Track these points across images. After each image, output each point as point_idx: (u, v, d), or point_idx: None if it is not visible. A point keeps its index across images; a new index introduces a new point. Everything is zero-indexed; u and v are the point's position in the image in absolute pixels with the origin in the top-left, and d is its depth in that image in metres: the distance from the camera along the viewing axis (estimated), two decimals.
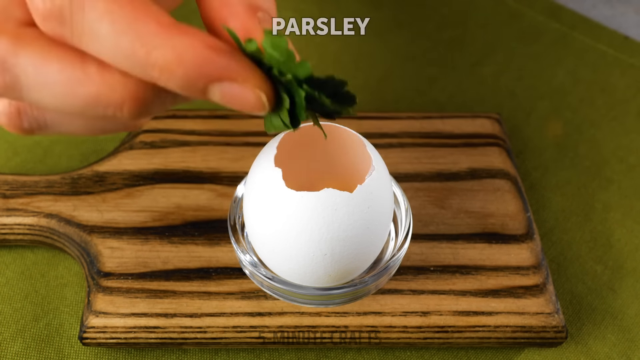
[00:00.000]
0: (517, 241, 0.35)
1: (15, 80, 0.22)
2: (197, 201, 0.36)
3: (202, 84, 0.22)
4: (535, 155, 0.42)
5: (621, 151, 0.42)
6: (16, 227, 0.35)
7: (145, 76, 0.21)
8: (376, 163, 0.29)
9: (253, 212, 0.29)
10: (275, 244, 0.29)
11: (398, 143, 0.38)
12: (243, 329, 0.31)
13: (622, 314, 0.35)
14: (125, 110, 0.22)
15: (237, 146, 0.38)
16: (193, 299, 0.32)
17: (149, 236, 0.34)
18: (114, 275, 0.32)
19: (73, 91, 0.22)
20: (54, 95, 0.22)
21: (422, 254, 0.34)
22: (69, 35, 0.21)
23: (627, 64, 0.47)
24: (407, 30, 0.49)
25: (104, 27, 0.21)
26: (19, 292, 0.35)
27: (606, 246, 0.38)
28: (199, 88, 0.22)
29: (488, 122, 0.40)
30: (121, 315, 0.31)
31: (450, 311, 0.32)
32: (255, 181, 0.29)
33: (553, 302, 0.33)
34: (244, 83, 0.22)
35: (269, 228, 0.28)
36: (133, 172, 0.37)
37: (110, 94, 0.22)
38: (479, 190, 0.37)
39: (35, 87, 0.22)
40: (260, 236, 0.29)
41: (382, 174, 0.29)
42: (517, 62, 0.47)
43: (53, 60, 0.22)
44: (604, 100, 0.45)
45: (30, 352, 0.33)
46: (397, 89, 0.45)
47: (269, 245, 0.29)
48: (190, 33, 0.21)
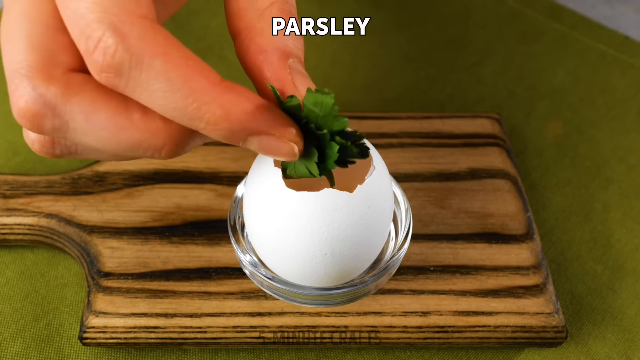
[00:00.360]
0: (517, 241, 0.35)
1: (64, 124, 0.23)
2: (197, 201, 0.36)
3: (243, 136, 0.24)
4: (535, 155, 0.42)
5: (621, 151, 0.42)
6: (16, 227, 0.35)
7: (191, 126, 0.23)
8: (376, 163, 0.29)
9: (253, 212, 0.29)
10: (275, 244, 0.29)
11: (398, 143, 0.38)
12: (243, 329, 0.31)
13: (622, 314, 0.35)
14: (163, 153, 0.24)
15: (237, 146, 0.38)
16: (193, 299, 0.32)
17: (149, 236, 0.34)
18: (114, 275, 0.32)
19: (117, 136, 0.23)
20: (98, 139, 0.23)
21: (422, 254, 0.34)
22: (122, 86, 0.22)
23: (627, 64, 0.47)
24: (407, 30, 0.49)
25: (159, 84, 0.22)
26: (19, 292, 0.35)
27: (606, 246, 0.38)
28: (239, 139, 0.24)
29: (488, 122, 0.40)
30: (121, 315, 0.31)
31: (450, 311, 0.32)
32: (255, 181, 0.29)
33: (553, 302, 0.33)
34: (281, 137, 0.24)
35: (269, 228, 0.28)
36: (133, 172, 0.37)
37: (152, 139, 0.23)
38: (479, 190, 0.37)
39: (82, 131, 0.23)
40: (260, 236, 0.29)
41: (382, 174, 0.29)
42: (517, 62, 0.47)
43: (101, 108, 0.23)
44: (604, 100, 0.45)
45: (30, 352, 0.33)
46: (397, 89, 0.45)
47: (269, 245, 0.29)
48: (237, 91, 0.23)
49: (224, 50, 0.47)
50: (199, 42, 0.48)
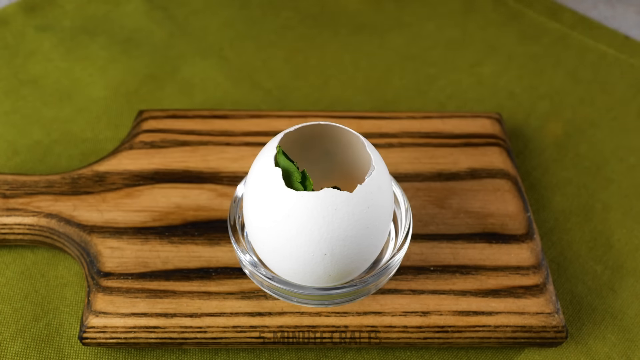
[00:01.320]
0: (517, 241, 0.35)
1: None
2: (197, 201, 0.36)
3: None
4: (535, 155, 0.42)
5: (621, 151, 0.42)
6: (16, 227, 0.35)
7: None
8: (376, 163, 0.29)
9: (253, 211, 0.29)
10: (275, 244, 0.29)
11: (398, 143, 0.38)
12: (243, 329, 0.31)
13: (622, 314, 0.35)
14: None
15: (237, 146, 0.38)
16: (193, 299, 0.32)
17: (149, 236, 0.34)
18: (114, 275, 0.32)
19: None
20: None
21: (422, 254, 0.34)
22: None
23: (627, 64, 0.47)
24: (407, 30, 0.49)
25: None
26: (19, 292, 0.35)
27: (606, 246, 0.38)
28: None
29: (488, 122, 0.40)
30: (121, 315, 0.31)
31: (450, 311, 0.32)
32: (255, 181, 0.29)
33: (553, 302, 0.33)
34: None
35: (269, 228, 0.28)
36: (133, 172, 0.37)
37: None
38: (479, 190, 0.37)
39: None
40: (260, 236, 0.29)
41: (382, 174, 0.29)
42: (517, 62, 0.47)
43: None
44: (604, 100, 0.45)
45: (30, 352, 0.33)
46: (397, 89, 0.45)
47: (268, 245, 0.29)
48: None
49: (223, 50, 0.47)
50: (199, 42, 0.48)
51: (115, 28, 0.48)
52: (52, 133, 0.41)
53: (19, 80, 0.44)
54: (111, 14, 0.49)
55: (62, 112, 0.43)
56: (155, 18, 0.49)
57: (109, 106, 0.43)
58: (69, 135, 0.41)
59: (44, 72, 0.45)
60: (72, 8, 0.49)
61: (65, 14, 0.49)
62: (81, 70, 0.45)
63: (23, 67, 0.45)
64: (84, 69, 0.45)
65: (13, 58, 0.46)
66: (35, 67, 0.45)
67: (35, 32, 0.47)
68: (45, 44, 0.47)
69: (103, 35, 0.48)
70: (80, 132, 0.42)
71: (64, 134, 0.41)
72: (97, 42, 0.47)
